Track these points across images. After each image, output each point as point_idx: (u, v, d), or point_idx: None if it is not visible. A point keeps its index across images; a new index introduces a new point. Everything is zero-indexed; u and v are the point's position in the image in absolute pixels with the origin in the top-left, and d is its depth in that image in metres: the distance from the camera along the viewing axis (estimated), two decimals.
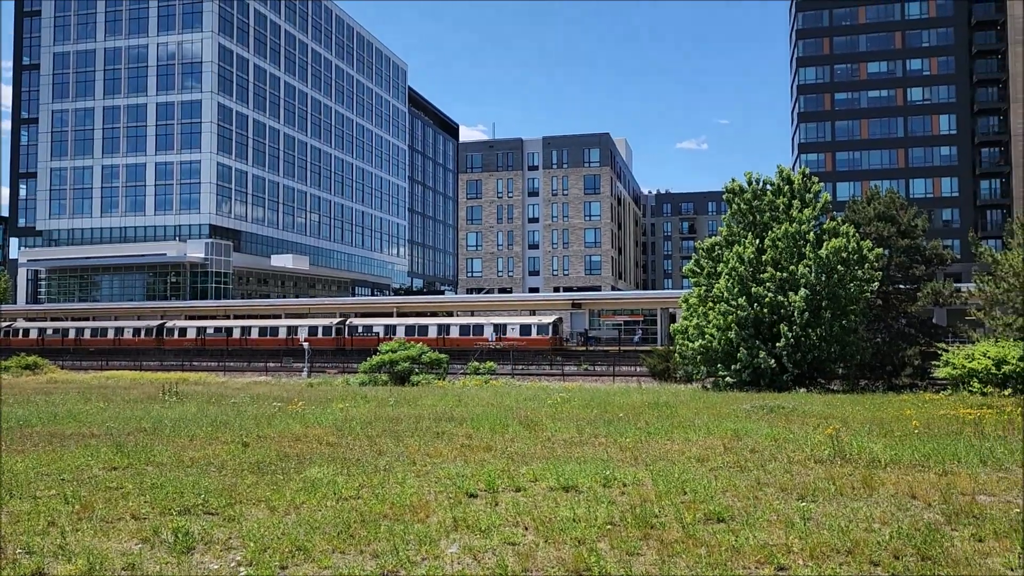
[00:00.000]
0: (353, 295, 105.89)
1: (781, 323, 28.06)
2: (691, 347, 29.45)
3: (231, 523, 7.78)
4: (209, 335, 67.69)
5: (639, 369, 42.94)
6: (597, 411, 18.15)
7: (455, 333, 60.16)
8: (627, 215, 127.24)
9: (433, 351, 37.66)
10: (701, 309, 29.86)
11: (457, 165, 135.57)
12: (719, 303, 28.87)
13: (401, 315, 71.18)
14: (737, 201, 31.07)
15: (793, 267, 28.54)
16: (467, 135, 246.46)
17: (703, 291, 30.41)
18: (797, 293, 27.96)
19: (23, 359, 47.13)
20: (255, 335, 66.02)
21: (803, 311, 27.73)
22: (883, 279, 31.11)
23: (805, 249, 28.79)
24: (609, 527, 7.45)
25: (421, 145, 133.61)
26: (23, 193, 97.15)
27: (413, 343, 38.70)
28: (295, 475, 10.24)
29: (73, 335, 72.28)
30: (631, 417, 16.62)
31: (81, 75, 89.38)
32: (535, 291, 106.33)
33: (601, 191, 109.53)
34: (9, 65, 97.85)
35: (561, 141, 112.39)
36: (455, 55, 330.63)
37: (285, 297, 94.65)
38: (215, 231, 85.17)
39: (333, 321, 64.96)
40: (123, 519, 7.96)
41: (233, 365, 54.45)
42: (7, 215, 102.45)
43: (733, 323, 28.12)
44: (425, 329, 61.06)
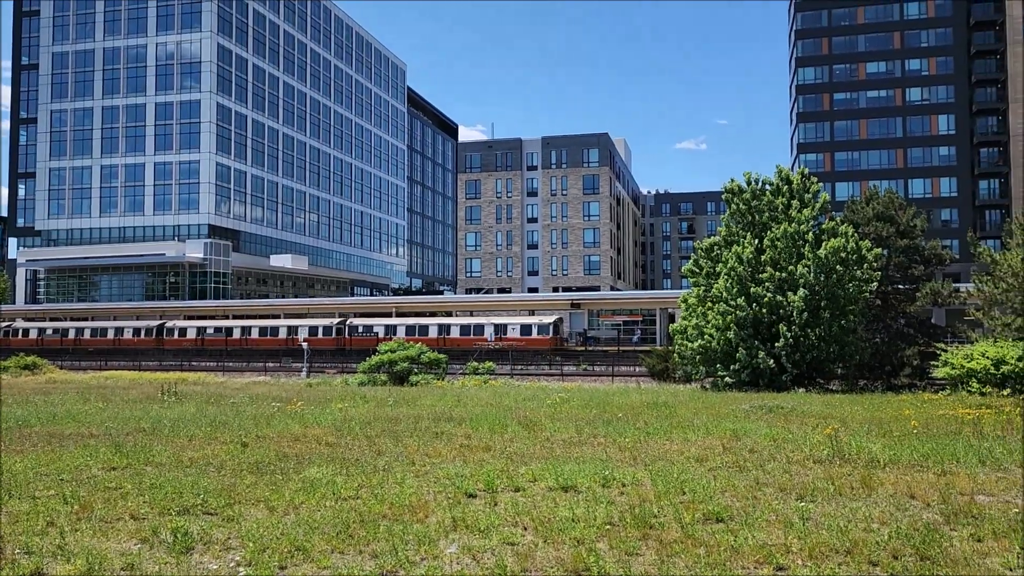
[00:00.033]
0: (352, 295, 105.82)
1: (780, 323, 28.07)
2: (690, 347, 29.46)
3: (230, 523, 7.78)
4: (209, 335, 67.63)
5: (638, 369, 42.98)
6: (596, 411, 18.15)
7: (456, 333, 60.21)
8: (626, 215, 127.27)
9: (433, 351, 37.64)
10: (700, 309, 29.88)
11: (456, 165, 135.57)
12: (718, 303, 28.89)
13: (400, 315, 71.15)
14: (736, 201, 31.10)
15: (792, 267, 28.55)
16: (466, 135, 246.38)
17: (702, 291, 30.43)
18: (796, 293, 27.98)
19: (22, 359, 47.19)
20: (255, 335, 66.01)
21: (802, 311, 27.75)
22: (882, 279, 31.14)
23: (804, 249, 28.80)
24: (608, 527, 7.46)
25: (420, 145, 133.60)
26: (22, 193, 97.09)
27: (412, 343, 38.71)
28: (294, 475, 10.23)
29: (73, 335, 72.24)
30: (630, 417, 16.62)
31: (80, 75, 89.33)
32: (534, 291, 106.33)
33: (600, 191, 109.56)
34: (8, 65, 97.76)
35: (560, 141, 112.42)
36: (454, 55, 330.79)
37: (284, 297, 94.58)
38: (214, 231, 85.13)
39: (334, 321, 64.93)
40: (122, 519, 7.96)
41: (232, 365, 54.44)
42: (6, 215, 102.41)
43: (732, 323, 28.14)
44: (426, 329, 61.09)
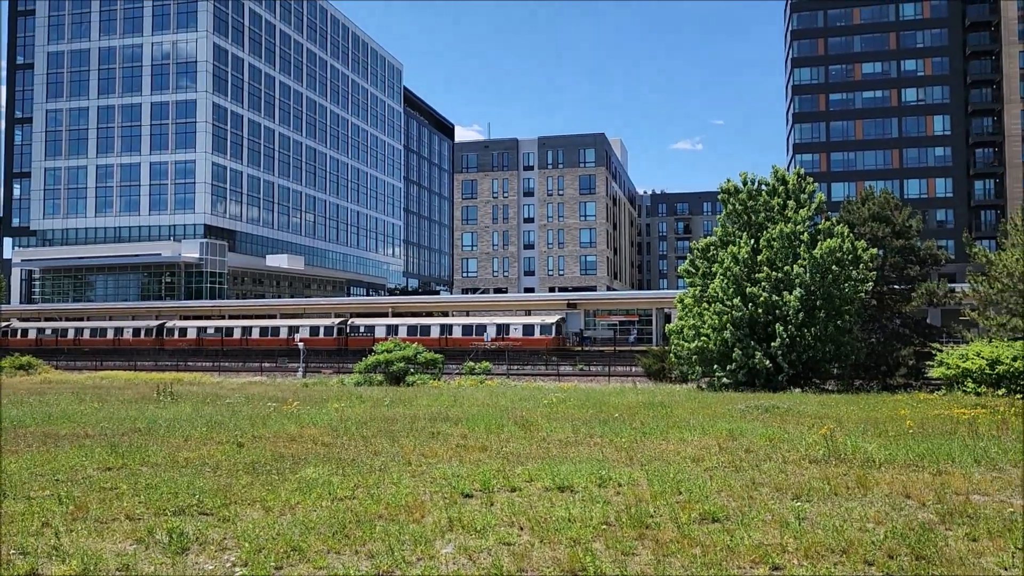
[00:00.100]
0: (348, 295, 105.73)
1: (776, 323, 28.10)
2: (687, 347, 29.49)
3: (226, 523, 7.76)
4: (209, 335, 67.48)
5: (634, 369, 43.01)
6: (592, 411, 18.15)
7: (458, 333, 60.29)
8: (622, 215, 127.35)
9: (430, 351, 37.69)
10: (696, 309, 29.90)
11: (452, 165, 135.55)
12: (714, 303, 28.91)
13: (396, 315, 71.10)
14: (732, 201, 31.12)
15: (788, 267, 28.58)
16: (462, 135, 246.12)
17: (698, 291, 30.46)
18: (792, 293, 28.02)
19: (17, 359, 47.10)
20: (256, 335, 65.92)
21: (798, 311, 27.79)
22: (878, 279, 31.21)
23: (800, 249, 28.85)
24: (604, 527, 7.46)
25: (416, 145, 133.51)
26: (17, 193, 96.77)
27: (410, 343, 38.72)
28: (290, 475, 10.22)
29: (72, 335, 72.05)
30: (626, 417, 16.62)
31: (75, 75, 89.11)
32: (530, 291, 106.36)
33: (596, 191, 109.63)
34: (3, 64, 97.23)
35: (556, 141, 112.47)
36: (450, 55, 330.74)
37: (280, 297, 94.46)
38: (210, 231, 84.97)
39: (335, 321, 64.89)
40: (117, 519, 7.94)
41: (228, 365, 54.33)
42: (1, 215, 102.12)
43: (728, 323, 28.17)
44: (428, 329, 61.11)
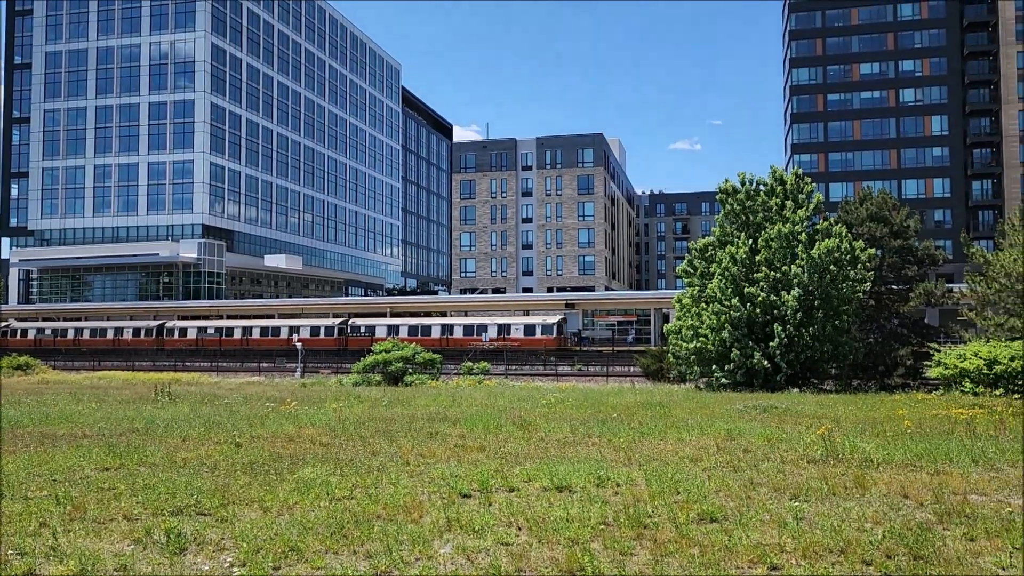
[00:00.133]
0: (346, 295, 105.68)
1: (774, 323, 28.11)
2: (685, 347, 29.49)
3: (224, 524, 7.75)
4: (210, 335, 67.43)
5: (633, 369, 43.00)
6: (591, 411, 18.15)
7: (460, 333, 60.37)
8: (621, 215, 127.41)
9: (428, 351, 37.72)
10: (695, 309, 29.91)
11: (451, 165, 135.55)
12: (712, 303, 28.92)
13: (395, 315, 71.11)
14: (730, 202, 31.12)
15: (786, 267, 28.60)
16: (460, 135, 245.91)
17: (696, 291, 30.47)
18: (790, 293, 28.03)
19: (14, 359, 47.03)
20: (257, 335, 65.92)
21: (796, 311, 27.80)
22: (875, 279, 31.23)
23: (798, 249, 28.87)
24: (602, 527, 7.45)
25: (414, 145, 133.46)
26: (14, 193, 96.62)
27: (410, 343, 38.76)
28: (288, 476, 10.21)
29: (72, 335, 71.95)
30: (624, 417, 16.62)
31: (73, 74, 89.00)
32: (529, 291, 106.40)
33: (595, 191, 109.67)
34: (1, 64, 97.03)
35: (555, 141, 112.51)
36: (449, 55, 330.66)
37: (278, 297, 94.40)
38: (208, 231, 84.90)
39: (336, 321, 64.92)
40: (115, 520, 7.93)
41: (226, 365, 54.28)
42: None
43: (726, 323, 28.17)
44: (429, 329, 61.20)
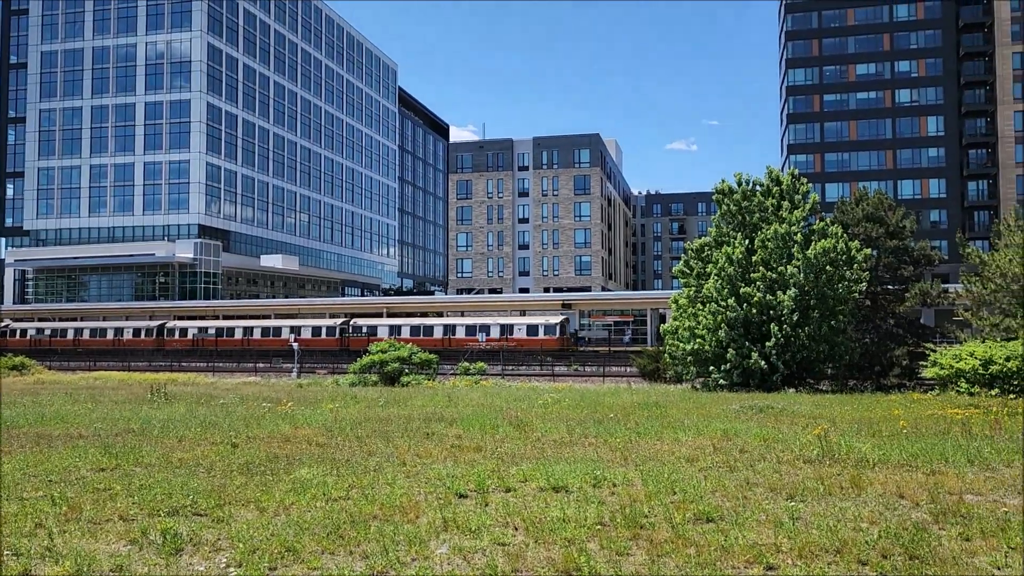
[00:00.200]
0: (343, 296, 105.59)
1: (771, 323, 28.14)
2: (682, 347, 29.51)
3: (220, 524, 7.74)
4: (210, 336, 67.32)
5: (629, 369, 43.01)
6: (587, 411, 18.15)
7: (461, 334, 60.44)
8: (617, 216, 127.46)
9: (429, 351, 37.80)
10: (691, 310, 29.92)
11: (447, 165, 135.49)
12: (709, 303, 28.93)
13: (392, 315, 71.07)
14: (727, 202, 31.14)
15: (782, 267, 28.62)
16: (457, 135, 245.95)
17: (693, 292, 30.48)
18: (786, 293, 28.06)
19: (10, 360, 46.89)
20: (257, 335, 65.86)
21: (792, 311, 27.83)
22: (871, 280, 31.27)
23: (794, 250, 28.88)
24: (599, 527, 7.46)
25: (411, 145, 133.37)
26: (10, 193, 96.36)
27: (409, 343, 38.83)
28: (284, 476, 10.19)
29: (72, 335, 71.77)
30: (621, 417, 16.63)
31: (69, 74, 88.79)
32: (525, 291, 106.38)
33: (591, 192, 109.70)
34: None
35: (551, 142, 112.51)
36: (446, 55, 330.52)
37: (275, 298, 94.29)
38: (204, 231, 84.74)
39: (336, 322, 64.93)
40: (111, 520, 7.92)
41: (222, 366, 54.22)
42: None
43: (723, 323, 28.19)
44: (431, 329, 61.25)
